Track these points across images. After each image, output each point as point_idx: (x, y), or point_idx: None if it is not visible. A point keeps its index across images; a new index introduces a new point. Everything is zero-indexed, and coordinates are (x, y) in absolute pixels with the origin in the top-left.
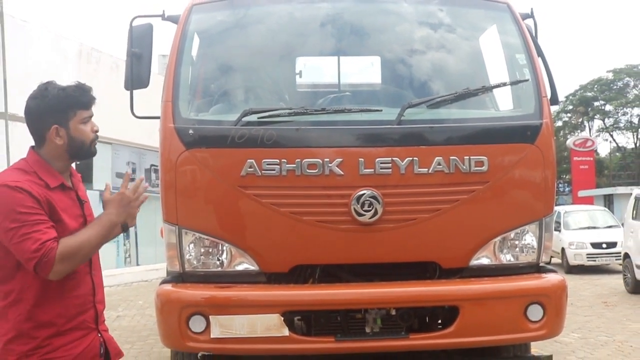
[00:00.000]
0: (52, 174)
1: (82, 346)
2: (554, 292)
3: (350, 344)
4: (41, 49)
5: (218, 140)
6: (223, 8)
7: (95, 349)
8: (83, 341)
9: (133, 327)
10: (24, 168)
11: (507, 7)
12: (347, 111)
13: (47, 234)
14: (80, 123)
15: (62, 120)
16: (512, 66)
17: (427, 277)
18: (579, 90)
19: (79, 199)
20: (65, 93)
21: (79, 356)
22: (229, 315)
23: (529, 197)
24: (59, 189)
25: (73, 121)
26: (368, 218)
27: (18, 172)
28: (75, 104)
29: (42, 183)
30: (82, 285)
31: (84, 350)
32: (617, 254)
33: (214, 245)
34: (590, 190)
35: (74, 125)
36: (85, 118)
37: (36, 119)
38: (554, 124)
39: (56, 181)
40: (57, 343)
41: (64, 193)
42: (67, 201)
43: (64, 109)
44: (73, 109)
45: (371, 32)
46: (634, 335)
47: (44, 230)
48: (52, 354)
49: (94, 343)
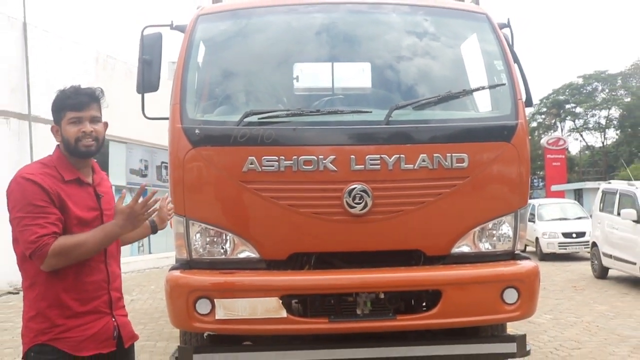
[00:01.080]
0: (69, 169)
1: (95, 328)
2: (527, 277)
3: (342, 325)
4: (61, 56)
5: (222, 139)
6: (226, 18)
7: (108, 332)
8: (97, 324)
9: (146, 310)
10: (46, 162)
11: (486, 17)
12: (340, 112)
13: (46, 228)
14: (67, 123)
15: (57, 120)
16: (490, 71)
17: (413, 263)
18: (552, 94)
19: (97, 194)
20: (61, 95)
21: (92, 337)
22: (232, 299)
23: (505, 191)
24: (75, 182)
25: (63, 121)
26: (359, 210)
27: (39, 165)
28: (65, 105)
29: (58, 176)
30: (96, 273)
31: (97, 332)
32: (585, 243)
33: (219, 235)
34: (561, 185)
35: (64, 125)
36: (72, 118)
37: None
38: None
39: (71, 175)
40: (71, 324)
41: (79, 187)
42: (82, 194)
43: (58, 109)
44: (64, 110)
45: (362, 41)
46: (600, 316)
47: (44, 224)
48: (66, 333)
49: (107, 326)
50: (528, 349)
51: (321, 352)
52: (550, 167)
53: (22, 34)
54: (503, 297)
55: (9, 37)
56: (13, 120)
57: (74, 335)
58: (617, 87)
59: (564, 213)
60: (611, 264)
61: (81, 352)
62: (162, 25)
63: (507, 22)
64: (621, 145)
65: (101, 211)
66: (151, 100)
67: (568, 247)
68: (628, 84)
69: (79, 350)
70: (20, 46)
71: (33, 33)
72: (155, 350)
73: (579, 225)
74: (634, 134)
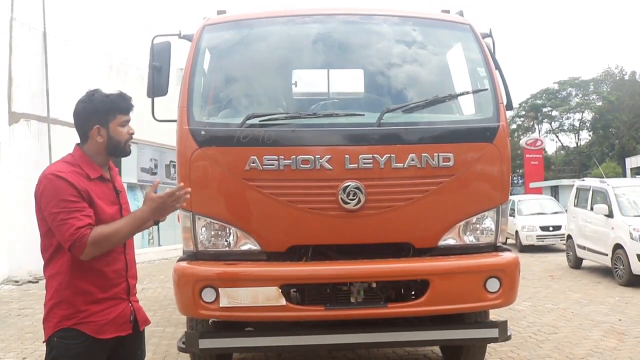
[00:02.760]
0: (93, 167)
1: (114, 313)
2: (508, 268)
3: (337, 312)
4: (78, 63)
5: (226, 140)
6: (230, 28)
7: (126, 316)
8: (116, 309)
9: (155, 298)
10: (70, 161)
11: (469, 27)
12: (335, 115)
13: (82, 220)
14: (118, 125)
15: (104, 121)
16: (474, 77)
17: (402, 255)
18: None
19: (116, 189)
20: (109, 99)
21: (112, 321)
22: (235, 288)
23: (488, 188)
24: (98, 179)
25: (113, 123)
26: (353, 206)
27: (64, 164)
28: (116, 108)
29: (83, 174)
30: (117, 262)
31: (117, 316)
32: (561, 236)
33: (223, 228)
34: (539, 182)
35: (113, 127)
36: (123, 122)
37: (82, 120)
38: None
39: (96, 173)
40: (94, 309)
41: (102, 183)
42: (105, 190)
43: (106, 112)
44: (114, 113)
45: (355, 49)
46: (574, 303)
47: (80, 217)
48: (89, 318)
49: (125, 311)
50: (509, 334)
51: (318, 338)
52: (529, 166)
53: (42, 43)
54: (486, 286)
55: (30, 46)
56: (33, 122)
57: (96, 320)
58: (589, 92)
59: (542, 208)
60: (585, 255)
61: (103, 334)
62: (170, 35)
63: (489, 32)
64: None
65: (120, 205)
66: (160, 104)
67: (545, 239)
68: (600, 90)
69: (101, 333)
70: (40, 54)
71: (52, 42)
72: (164, 335)
73: (556, 220)
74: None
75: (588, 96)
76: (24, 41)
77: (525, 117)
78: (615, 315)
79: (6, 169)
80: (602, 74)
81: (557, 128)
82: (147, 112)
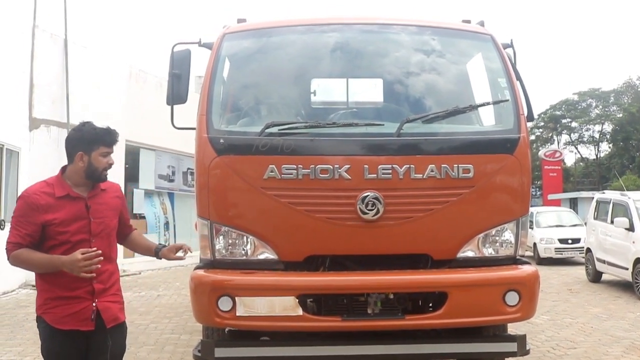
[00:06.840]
0: (62, 187)
1: (74, 309)
2: (528, 281)
3: (354, 323)
4: (98, 70)
5: (244, 148)
6: (250, 37)
7: (86, 314)
8: (76, 306)
9: (171, 305)
10: (48, 181)
11: (490, 38)
12: (354, 125)
13: (16, 237)
14: (100, 155)
15: (88, 149)
16: (494, 88)
17: (421, 266)
18: (549, 109)
19: (86, 205)
20: (96, 132)
21: (72, 315)
22: (252, 297)
23: (508, 200)
24: (65, 198)
25: (95, 152)
26: (371, 216)
27: (42, 183)
28: (101, 141)
29: (52, 193)
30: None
31: (76, 312)
32: (580, 249)
33: (240, 237)
34: (558, 194)
35: (95, 156)
36: (104, 152)
37: (71, 145)
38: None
39: (63, 192)
40: (54, 303)
41: (69, 201)
42: (71, 207)
43: (91, 142)
44: (98, 144)
45: (375, 58)
46: (593, 317)
47: (16, 234)
48: (51, 310)
49: (86, 309)
50: (528, 348)
51: (334, 349)
52: (548, 177)
53: (63, 50)
54: (505, 299)
55: (51, 53)
56: (53, 128)
57: (56, 312)
58: (610, 104)
59: (560, 220)
60: (604, 269)
61: (61, 325)
62: (190, 43)
63: (510, 43)
64: (614, 157)
65: (89, 219)
66: (180, 112)
67: (564, 252)
68: (620, 101)
69: (60, 324)
70: (61, 61)
71: (73, 49)
72: (179, 342)
73: (574, 232)
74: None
75: (608, 107)
76: (45, 48)
77: (544, 128)
78: (636, 332)
79: (26, 174)
80: (623, 85)
81: (576, 139)
82: (165, 119)
